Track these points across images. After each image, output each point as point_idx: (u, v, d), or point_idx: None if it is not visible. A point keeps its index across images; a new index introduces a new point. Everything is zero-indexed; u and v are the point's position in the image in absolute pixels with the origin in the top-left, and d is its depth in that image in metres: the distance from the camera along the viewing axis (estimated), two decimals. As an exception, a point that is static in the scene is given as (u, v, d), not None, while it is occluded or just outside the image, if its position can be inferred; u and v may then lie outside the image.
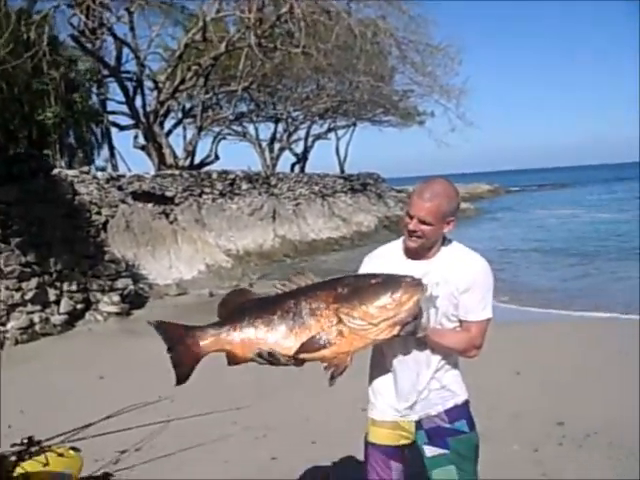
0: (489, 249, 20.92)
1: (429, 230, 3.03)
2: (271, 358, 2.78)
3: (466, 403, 3.25)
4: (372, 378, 3.31)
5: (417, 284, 2.71)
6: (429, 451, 3.19)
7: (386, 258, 3.25)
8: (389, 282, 2.71)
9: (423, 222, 3.01)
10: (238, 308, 2.93)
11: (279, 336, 2.76)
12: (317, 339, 2.70)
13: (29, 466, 4.13)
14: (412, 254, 3.16)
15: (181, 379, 3.07)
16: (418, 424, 3.20)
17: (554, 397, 7.10)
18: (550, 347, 9.44)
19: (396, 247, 3.27)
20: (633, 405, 6.58)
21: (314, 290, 2.80)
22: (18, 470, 4.07)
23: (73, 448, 4.67)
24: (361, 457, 3.41)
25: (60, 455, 4.43)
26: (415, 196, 3.06)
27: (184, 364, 3.04)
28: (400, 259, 3.19)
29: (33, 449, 4.36)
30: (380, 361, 3.25)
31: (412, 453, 3.28)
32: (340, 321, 2.68)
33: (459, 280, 3.07)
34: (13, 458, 4.22)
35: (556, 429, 6.08)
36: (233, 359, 2.93)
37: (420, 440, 3.21)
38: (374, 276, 2.80)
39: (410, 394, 3.17)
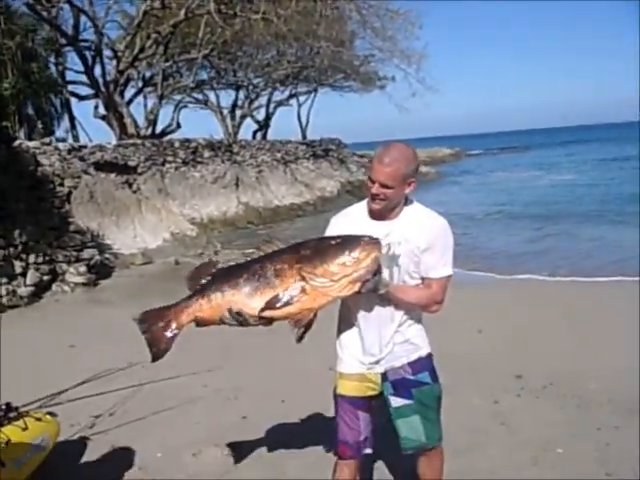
0: (450, 213, 21.18)
1: (391, 193, 3.16)
2: (239, 317, 2.93)
3: (429, 356, 3.43)
4: (339, 333, 3.47)
5: (374, 242, 2.86)
6: (394, 402, 3.38)
7: (351, 219, 3.38)
8: (348, 241, 2.86)
9: (384, 185, 3.14)
10: (206, 278, 3.08)
11: (245, 297, 2.91)
12: (281, 297, 2.85)
13: (8, 431, 4.27)
14: (376, 215, 3.30)
15: (157, 357, 3.19)
16: (384, 376, 3.37)
17: (512, 352, 7.39)
18: (509, 307, 9.73)
19: (361, 208, 3.39)
20: (584, 358, 6.91)
21: (279, 254, 2.95)
22: (-1, 435, 4.20)
23: (50, 413, 4.82)
24: (328, 414, 3.57)
25: (38, 420, 4.57)
26: (375, 161, 3.18)
27: (160, 342, 3.15)
28: (364, 220, 3.32)
29: (11, 414, 4.50)
30: (347, 317, 3.41)
31: (378, 403, 3.46)
32: (303, 279, 2.83)
33: (420, 239, 3.22)
34: (-8, 423, 4.35)
35: (514, 382, 6.35)
36: (202, 322, 3.08)
37: (386, 391, 3.38)
38: (335, 238, 2.95)
39: (375, 348, 3.33)
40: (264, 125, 37.60)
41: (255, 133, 37.05)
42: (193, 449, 5.14)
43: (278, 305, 2.86)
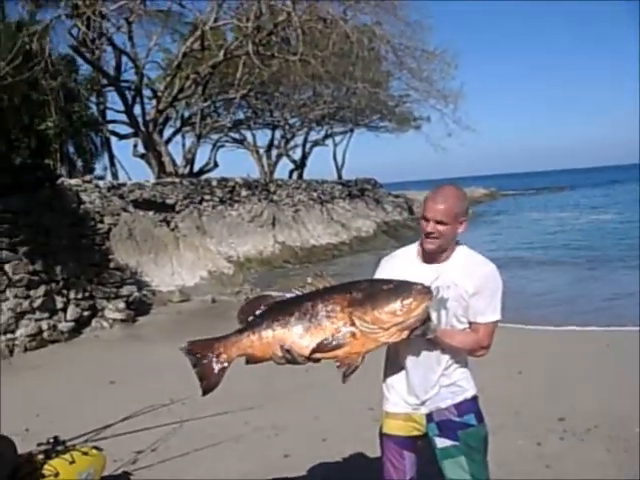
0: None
1: (445, 229, 3.20)
2: (289, 356, 2.92)
3: (474, 398, 3.39)
4: (386, 374, 3.46)
5: (426, 292, 2.86)
6: (440, 442, 3.33)
7: (401, 261, 3.42)
8: (400, 288, 2.85)
9: (439, 222, 3.18)
10: (257, 313, 3.08)
11: (296, 336, 2.90)
12: (331, 340, 2.85)
13: (56, 464, 4.31)
14: (426, 258, 3.33)
15: (207, 390, 3.16)
16: (429, 417, 3.35)
17: (554, 394, 7.31)
18: (550, 349, 9.65)
19: (411, 250, 3.44)
20: (627, 401, 6.81)
21: (330, 293, 2.94)
22: (47, 468, 4.24)
23: (96, 447, 4.85)
24: (369, 453, 3.56)
25: (85, 454, 4.60)
26: (429, 201, 3.24)
27: (211, 376, 3.12)
28: (414, 262, 3.36)
29: (59, 448, 4.54)
30: (394, 358, 3.40)
31: (425, 444, 3.43)
32: (353, 324, 2.83)
33: (469, 283, 3.24)
34: (41, 457, 4.39)
35: (558, 424, 6.28)
36: (252, 359, 3.06)
37: (431, 432, 3.35)
38: (387, 282, 2.95)
39: (421, 390, 3.33)
40: (300, 165, 37.85)
41: (291, 172, 37.30)
42: (236, 487, 5.14)
43: (328, 348, 2.87)
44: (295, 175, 36.78)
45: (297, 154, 38.51)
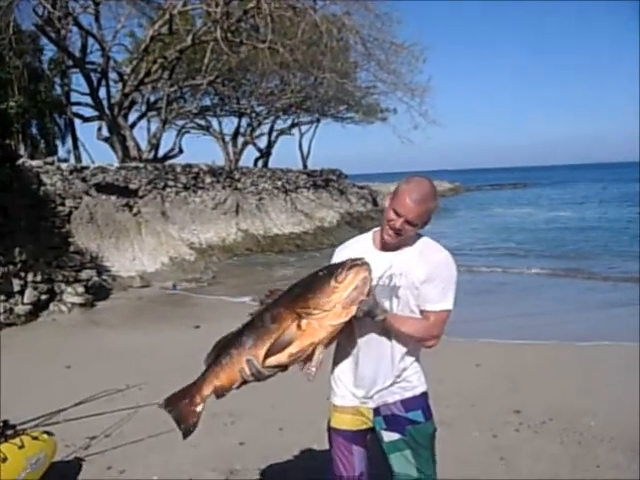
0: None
1: (412, 230, 3.15)
2: (253, 370, 2.90)
3: (423, 394, 3.33)
4: (334, 366, 3.40)
5: (359, 263, 2.83)
6: (387, 436, 3.29)
7: (354, 248, 3.33)
8: (332, 268, 2.85)
9: (409, 223, 3.10)
10: (217, 349, 3.06)
11: (250, 351, 2.88)
12: (280, 339, 2.81)
13: (5, 449, 4.23)
14: (382, 245, 3.26)
15: (187, 433, 3.18)
16: (376, 411, 3.29)
17: (512, 387, 7.36)
18: (508, 341, 9.73)
19: (366, 239, 3.37)
20: (583, 395, 6.89)
21: (275, 300, 2.95)
22: (-5, 452, 4.16)
23: (47, 432, 4.78)
24: (326, 444, 3.52)
25: (35, 438, 4.54)
26: (405, 196, 3.10)
27: (188, 419, 3.14)
28: (368, 250, 3.27)
29: (8, 432, 4.47)
30: (342, 350, 3.33)
31: (372, 438, 3.40)
32: (299, 317, 2.81)
33: (420, 270, 3.16)
34: (-11, 440, 4.31)
35: (513, 417, 6.32)
36: (223, 390, 3.06)
37: (378, 426, 3.30)
38: (322, 269, 2.92)
39: (370, 383, 3.27)
40: (266, 153, 37.75)
41: (256, 161, 37.19)
42: (190, 474, 5.11)
43: (279, 348, 2.83)
44: (260, 163, 36.69)
45: (263, 142, 38.48)
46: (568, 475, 5.02)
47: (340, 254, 3.35)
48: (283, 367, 2.92)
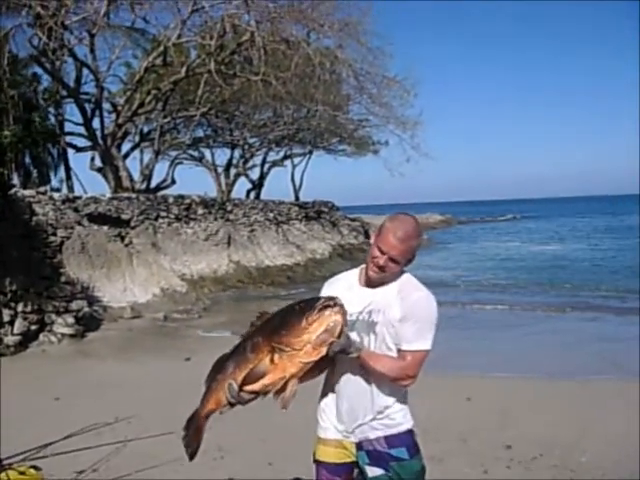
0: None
1: (395, 267, 3.17)
2: (233, 394, 2.94)
3: (409, 432, 3.28)
4: (321, 398, 3.41)
5: (331, 304, 2.80)
6: (370, 472, 3.24)
7: (341, 284, 3.38)
8: (306, 306, 2.83)
9: (393, 260, 3.13)
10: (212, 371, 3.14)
11: (230, 375, 2.95)
12: (255, 370, 2.86)
13: (-9, 482, 4.20)
14: (366, 282, 3.29)
15: (193, 456, 3.37)
16: (359, 445, 3.26)
17: (502, 422, 7.34)
18: (500, 376, 9.71)
19: (352, 274, 3.41)
20: (574, 430, 6.88)
21: (258, 327, 2.99)
22: (-19, 486, 4.13)
23: (34, 467, 4.74)
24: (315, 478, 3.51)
25: (22, 473, 4.50)
26: (389, 234, 3.14)
27: (194, 444, 3.35)
28: (352, 286, 3.32)
29: (-5, 466, 4.43)
30: (327, 383, 3.35)
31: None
32: (273, 350, 2.82)
33: (396, 309, 3.15)
34: (-24, 475, 4.28)
35: (504, 452, 6.30)
36: (212, 412, 3.18)
37: (362, 460, 3.26)
38: (299, 302, 2.92)
39: (350, 418, 3.25)
40: (258, 185, 37.81)
41: (249, 192, 37.23)
42: (178, 509, 5.05)
43: (253, 379, 2.88)
44: (252, 195, 36.72)
45: (255, 174, 38.50)
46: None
47: (327, 288, 3.41)
48: (262, 393, 2.97)
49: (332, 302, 2.80)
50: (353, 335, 3.13)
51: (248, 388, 2.91)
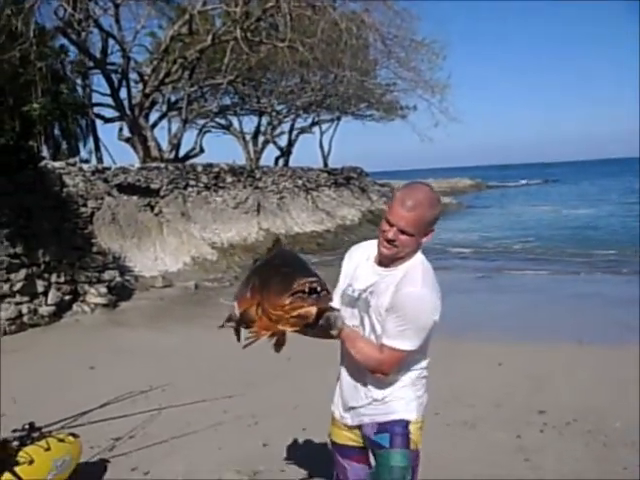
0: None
1: (408, 240, 2.92)
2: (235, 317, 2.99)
3: (402, 422, 3.07)
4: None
5: (305, 290, 2.62)
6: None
7: (361, 253, 3.21)
8: (284, 281, 2.69)
9: (403, 232, 2.89)
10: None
11: (236, 303, 2.99)
12: (246, 314, 2.86)
13: (31, 451, 4.27)
14: (378, 258, 3.08)
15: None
16: (360, 429, 3.17)
17: (535, 387, 7.32)
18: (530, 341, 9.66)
19: (373, 246, 3.14)
20: (608, 396, 6.84)
21: (263, 268, 2.98)
22: (22, 455, 4.21)
23: (72, 434, 4.82)
24: None
25: (61, 441, 4.58)
26: (397, 203, 2.91)
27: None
28: (369, 260, 3.13)
29: (34, 435, 4.51)
30: (342, 355, 3.22)
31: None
32: (258, 304, 2.79)
33: (387, 297, 2.95)
34: (15, 443, 4.35)
35: (538, 417, 6.29)
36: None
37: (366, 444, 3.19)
38: (282, 268, 2.80)
39: (347, 397, 3.18)
40: (286, 152, 37.73)
41: (277, 159, 37.19)
42: (214, 475, 5.12)
43: (246, 320, 2.88)
44: (281, 162, 36.67)
45: (283, 141, 38.37)
46: (593, 476, 4.99)
47: (349, 254, 3.31)
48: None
49: (307, 287, 2.63)
50: (354, 312, 3.08)
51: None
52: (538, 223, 33.64)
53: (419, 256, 3.04)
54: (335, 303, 3.04)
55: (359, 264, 3.15)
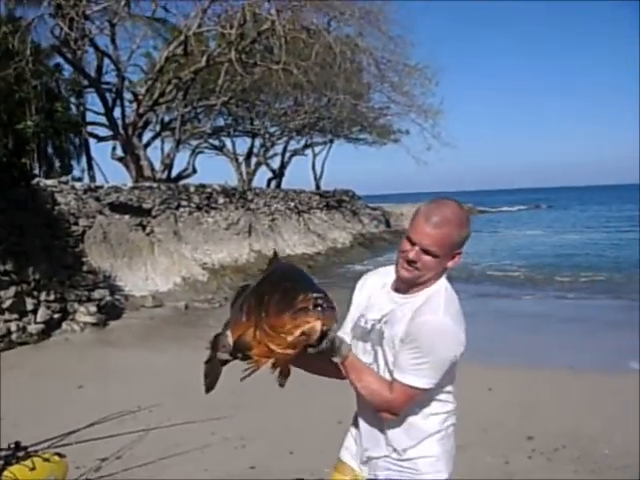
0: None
1: (431, 262, 2.53)
2: (227, 348, 2.53)
3: None
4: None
5: (309, 306, 2.24)
6: None
7: (376, 280, 2.83)
8: (284, 299, 2.31)
9: (427, 252, 2.51)
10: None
11: (229, 330, 2.57)
12: (242, 339, 2.43)
13: (16, 470, 4.23)
14: (397, 284, 2.69)
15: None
16: None
17: (524, 413, 7.31)
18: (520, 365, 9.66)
19: (390, 273, 2.74)
20: (596, 422, 6.83)
21: (259, 287, 2.52)
22: (6, 474, 4.16)
23: (58, 454, 4.77)
24: None
25: (46, 460, 4.52)
26: (421, 219, 2.53)
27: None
28: (385, 287, 2.76)
29: (20, 454, 4.46)
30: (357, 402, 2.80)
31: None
32: (257, 325, 2.38)
33: (402, 326, 2.55)
34: (0, 462, 4.31)
35: (526, 443, 6.28)
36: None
37: None
38: (283, 284, 2.39)
39: (363, 443, 2.75)
40: (279, 174, 37.82)
41: (269, 181, 37.26)
42: (200, 497, 5.08)
43: (242, 347, 2.42)
44: (273, 184, 36.75)
45: (276, 163, 38.53)
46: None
47: (363, 282, 2.90)
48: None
49: (312, 303, 2.25)
50: (366, 347, 2.68)
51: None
52: (529, 248, 33.75)
53: (442, 282, 2.64)
54: (344, 337, 2.66)
55: (373, 292, 2.77)
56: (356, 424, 2.81)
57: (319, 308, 2.26)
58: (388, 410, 2.53)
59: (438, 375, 2.51)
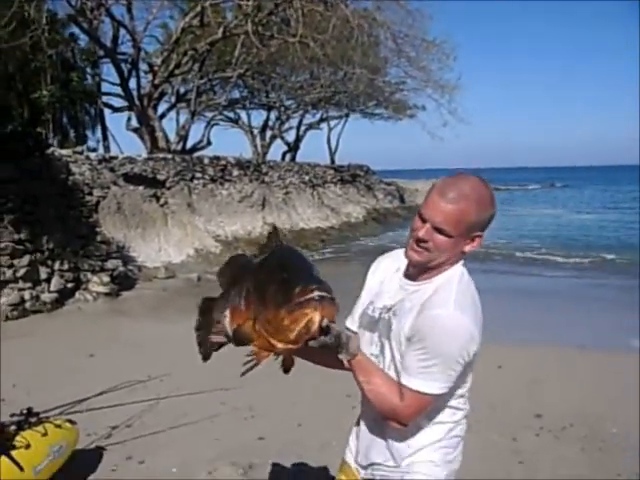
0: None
1: (444, 242, 2.24)
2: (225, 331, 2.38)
3: None
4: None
5: (308, 297, 2.01)
6: None
7: (391, 262, 2.57)
8: (281, 290, 2.10)
9: (439, 230, 2.22)
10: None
11: (228, 315, 2.40)
12: (242, 330, 2.26)
13: (28, 436, 4.30)
14: (410, 269, 2.42)
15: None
16: None
17: (533, 391, 7.32)
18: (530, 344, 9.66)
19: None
20: (604, 402, 6.84)
21: (260, 272, 2.29)
22: (18, 439, 4.23)
23: (69, 421, 4.84)
24: (343, 441, 3.24)
25: (58, 427, 4.60)
26: (435, 193, 2.25)
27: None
28: (398, 271, 2.49)
29: (32, 420, 4.53)
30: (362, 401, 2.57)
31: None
32: (254, 319, 2.21)
33: (409, 320, 2.29)
34: (13, 428, 4.38)
35: (534, 421, 6.30)
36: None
37: None
38: (279, 275, 2.15)
39: (363, 444, 2.56)
40: (293, 147, 37.74)
41: (284, 154, 37.20)
42: (209, 467, 5.14)
43: (241, 337, 2.24)
44: (288, 157, 36.69)
45: (291, 136, 38.43)
46: (588, 481, 5.00)
47: (377, 265, 2.66)
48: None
49: (309, 294, 2.04)
50: (374, 338, 2.46)
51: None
52: (542, 226, 33.62)
53: (458, 269, 2.36)
54: (352, 326, 2.59)
55: (386, 277, 2.52)
56: (358, 424, 2.63)
57: (317, 298, 2.05)
58: (395, 418, 2.29)
59: (450, 378, 2.26)
